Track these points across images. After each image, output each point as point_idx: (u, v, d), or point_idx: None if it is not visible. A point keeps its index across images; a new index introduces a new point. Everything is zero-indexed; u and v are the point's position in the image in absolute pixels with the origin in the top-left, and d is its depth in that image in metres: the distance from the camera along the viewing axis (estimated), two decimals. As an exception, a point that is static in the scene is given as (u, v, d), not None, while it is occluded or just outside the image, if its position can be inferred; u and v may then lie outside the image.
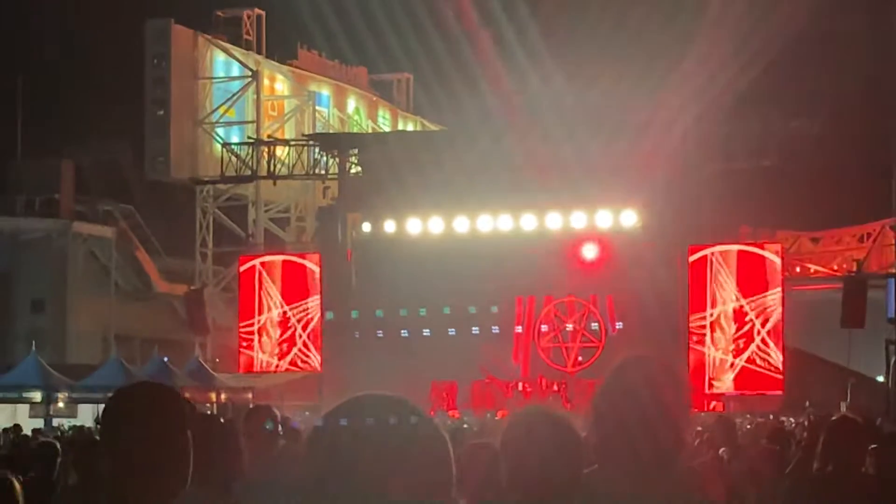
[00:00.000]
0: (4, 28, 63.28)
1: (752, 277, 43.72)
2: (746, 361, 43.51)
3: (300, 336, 47.46)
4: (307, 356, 47.38)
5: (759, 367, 43.37)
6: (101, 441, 4.24)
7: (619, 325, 44.98)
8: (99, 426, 4.41)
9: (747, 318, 43.65)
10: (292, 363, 47.45)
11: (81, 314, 55.39)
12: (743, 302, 43.73)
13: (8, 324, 55.26)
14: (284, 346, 47.63)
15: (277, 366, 47.49)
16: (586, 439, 4.71)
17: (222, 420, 9.43)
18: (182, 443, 4.04)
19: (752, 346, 43.50)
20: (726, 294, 43.89)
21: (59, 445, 11.60)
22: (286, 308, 47.58)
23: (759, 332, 43.55)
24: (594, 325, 45.75)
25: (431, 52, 48.98)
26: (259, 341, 47.77)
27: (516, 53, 47.29)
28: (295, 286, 47.56)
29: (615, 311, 45.16)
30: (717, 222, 43.71)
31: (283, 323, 47.68)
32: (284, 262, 48.40)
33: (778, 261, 44.09)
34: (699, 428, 20.94)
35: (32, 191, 55.84)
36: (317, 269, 47.45)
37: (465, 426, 26.11)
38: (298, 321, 47.45)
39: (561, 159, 42.54)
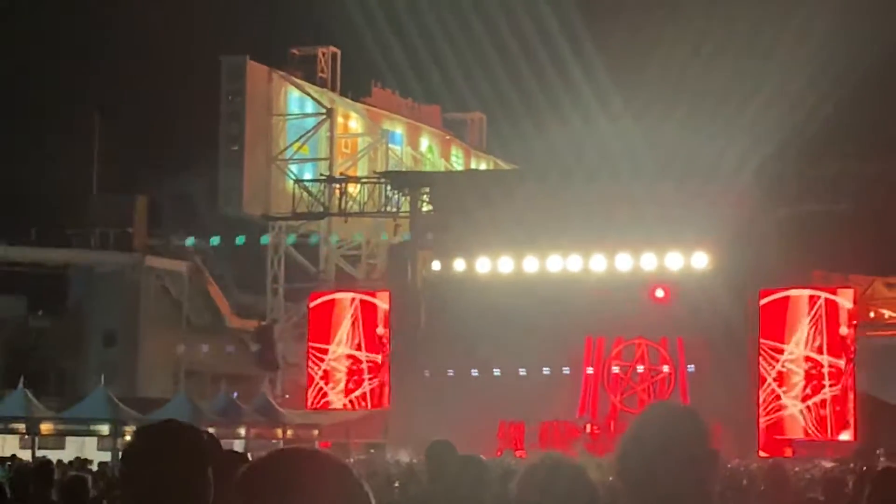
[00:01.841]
0: (80, 66, 64.12)
1: (823, 322, 43.21)
2: (817, 407, 42.98)
3: (368, 373, 47.49)
4: (375, 394, 47.36)
5: (830, 413, 42.82)
6: (120, 479, 4.24)
7: (690, 367, 44.69)
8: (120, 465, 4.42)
9: (818, 364, 43.14)
10: (360, 400, 47.46)
11: (152, 348, 55.73)
12: (813, 347, 43.23)
13: (80, 356, 55.71)
14: (352, 383, 47.67)
15: (345, 403, 47.51)
16: (613, 484, 4.63)
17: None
18: (202, 482, 4.01)
19: (823, 392, 42.97)
20: (797, 339, 43.40)
21: None
22: (355, 345, 47.65)
23: (829, 378, 43.02)
24: (665, 368, 45.46)
25: (504, 92, 49.06)
26: (328, 378, 47.84)
27: (585, 93, 47.26)
28: (365, 323, 47.62)
29: (686, 353, 44.86)
30: (790, 266, 43.24)
31: (353, 360, 47.74)
32: (354, 299, 48.50)
33: (850, 306, 43.56)
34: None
35: (107, 225, 56.37)
36: (387, 307, 47.51)
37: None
38: (367, 359, 47.49)
39: (631, 199, 42.39)
